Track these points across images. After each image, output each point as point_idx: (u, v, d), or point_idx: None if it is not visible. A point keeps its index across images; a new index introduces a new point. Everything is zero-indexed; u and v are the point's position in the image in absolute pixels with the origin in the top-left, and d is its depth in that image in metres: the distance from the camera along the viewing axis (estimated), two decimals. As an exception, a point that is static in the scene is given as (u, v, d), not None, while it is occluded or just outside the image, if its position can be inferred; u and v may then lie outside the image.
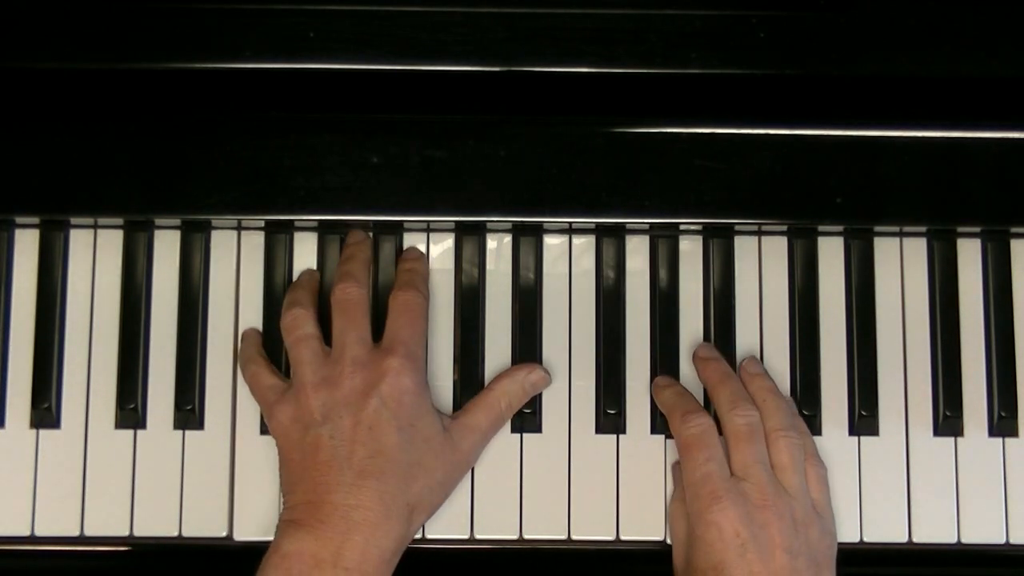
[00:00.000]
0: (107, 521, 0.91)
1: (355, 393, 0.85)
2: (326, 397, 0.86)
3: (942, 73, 0.91)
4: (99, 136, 0.90)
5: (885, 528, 0.92)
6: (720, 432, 0.89)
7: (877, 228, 0.94)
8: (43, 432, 0.92)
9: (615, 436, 0.92)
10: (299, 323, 0.89)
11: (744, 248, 0.94)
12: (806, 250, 0.94)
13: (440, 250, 0.95)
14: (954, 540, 0.92)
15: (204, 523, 0.91)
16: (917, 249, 0.95)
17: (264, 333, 0.93)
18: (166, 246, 0.94)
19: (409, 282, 0.91)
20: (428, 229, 0.95)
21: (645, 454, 0.92)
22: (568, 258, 0.95)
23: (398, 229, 0.94)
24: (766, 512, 0.84)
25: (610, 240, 0.94)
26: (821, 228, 0.94)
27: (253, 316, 0.93)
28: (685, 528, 0.88)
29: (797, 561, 0.83)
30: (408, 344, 0.88)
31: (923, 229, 0.94)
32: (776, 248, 0.95)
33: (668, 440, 0.92)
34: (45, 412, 0.91)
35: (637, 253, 0.95)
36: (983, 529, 0.92)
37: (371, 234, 0.93)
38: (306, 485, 0.84)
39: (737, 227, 0.94)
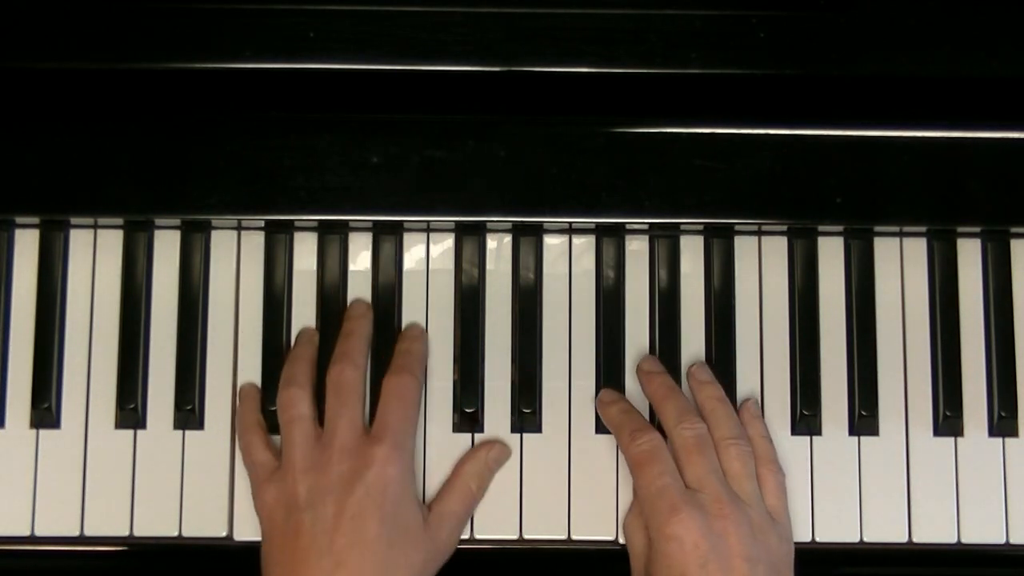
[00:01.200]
0: (107, 521, 0.91)
1: (341, 480, 0.85)
2: (312, 482, 0.85)
3: (942, 73, 0.91)
4: (99, 136, 0.90)
5: (885, 528, 0.92)
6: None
7: (877, 228, 0.94)
8: (43, 432, 0.92)
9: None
10: (294, 403, 0.89)
11: (744, 248, 0.94)
12: (806, 250, 0.94)
13: (440, 250, 0.95)
14: (954, 540, 0.92)
15: (204, 523, 0.91)
16: (917, 249, 0.95)
17: (264, 334, 0.93)
18: (166, 246, 0.94)
19: (404, 365, 0.90)
20: (428, 229, 0.95)
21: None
22: (568, 258, 0.95)
23: (398, 229, 0.94)
24: (724, 521, 0.84)
25: (610, 240, 0.94)
26: (821, 228, 0.94)
27: (253, 316, 0.93)
28: (643, 542, 0.87)
29: (757, 568, 0.83)
30: (396, 432, 0.87)
31: (923, 229, 0.94)
32: (776, 248, 0.95)
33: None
34: (45, 412, 0.91)
35: (637, 253, 0.95)
36: (983, 529, 0.92)
37: (371, 312, 0.93)
38: (284, 569, 0.84)
39: (737, 227, 0.94)
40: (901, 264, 0.95)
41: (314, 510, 0.84)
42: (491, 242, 0.95)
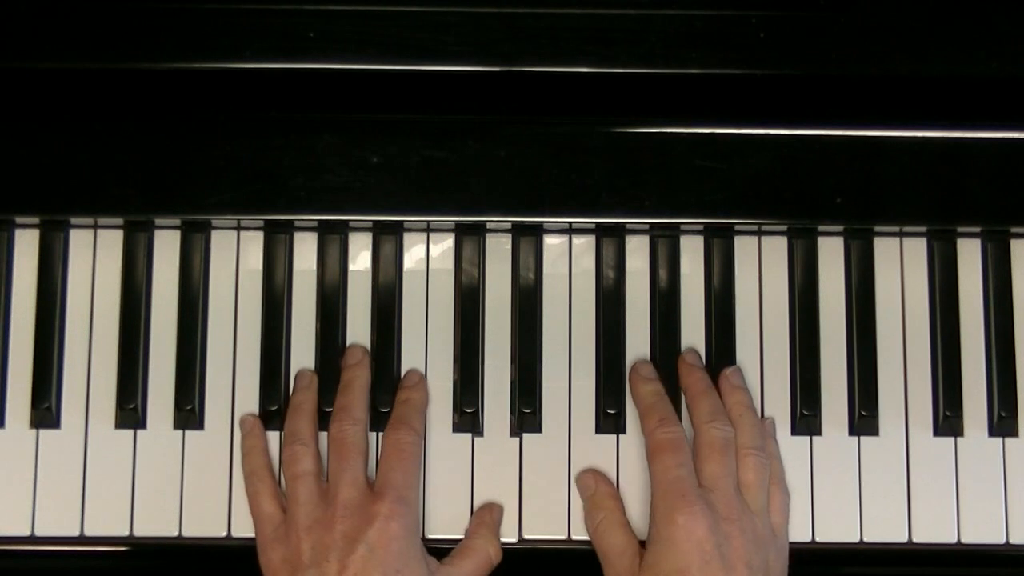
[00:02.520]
0: (107, 521, 0.91)
1: (344, 538, 0.84)
2: (315, 540, 0.85)
3: (942, 73, 0.91)
4: (99, 136, 0.90)
5: (885, 528, 0.92)
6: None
7: (877, 228, 0.94)
8: (43, 432, 0.92)
9: (615, 436, 0.92)
10: (297, 459, 0.89)
11: (744, 248, 0.95)
12: (806, 250, 0.94)
13: (440, 250, 0.95)
14: (954, 540, 0.92)
15: (204, 523, 0.91)
16: (917, 249, 0.95)
17: (263, 333, 0.93)
18: (166, 246, 0.94)
19: (402, 418, 0.90)
20: (428, 229, 0.95)
21: (645, 454, 0.92)
22: (568, 258, 0.95)
23: (398, 229, 0.94)
24: (731, 525, 0.84)
25: (610, 240, 0.94)
26: (821, 228, 0.94)
27: (253, 316, 0.93)
28: (624, 540, 0.88)
29: None
30: (399, 488, 0.87)
31: (923, 229, 0.94)
32: (776, 248, 0.95)
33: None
34: (45, 412, 0.91)
35: (637, 253, 0.95)
36: (983, 529, 0.92)
37: (368, 357, 0.92)
38: None
39: (737, 227, 0.94)
40: (901, 264, 0.95)
41: (318, 568, 0.84)
42: (491, 242, 0.95)
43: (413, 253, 0.95)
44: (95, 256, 0.94)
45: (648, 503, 0.91)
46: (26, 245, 0.94)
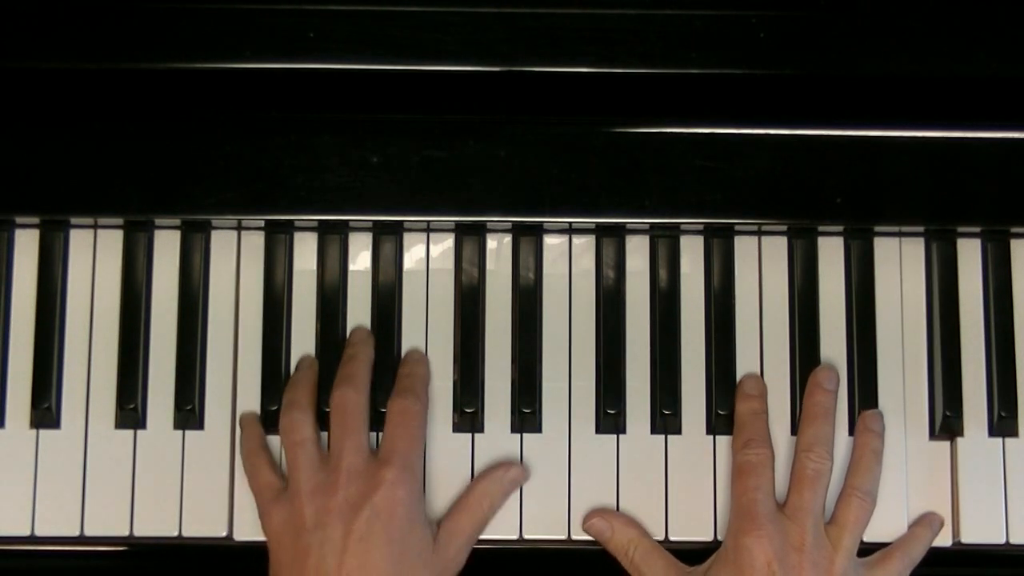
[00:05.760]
0: (107, 521, 0.91)
1: (348, 503, 0.84)
2: (319, 504, 0.85)
3: (942, 73, 0.91)
4: (99, 136, 0.90)
5: (884, 528, 0.91)
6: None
7: (877, 228, 0.94)
8: (43, 432, 0.92)
9: (615, 436, 0.92)
10: (296, 427, 0.88)
11: (744, 248, 0.95)
12: (806, 250, 0.94)
13: (440, 250, 0.95)
14: (954, 540, 0.92)
15: (204, 523, 0.91)
16: (917, 249, 0.95)
17: (264, 333, 0.93)
18: (166, 246, 0.94)
19: (408, 388, 0.90)
20: (428, 229, 0.95)
21: (645, 454, 0.92)
22: (568, 258, 0.95)
23: (398, 229, 0.94)
24: (801, 556, 0.85)
25: (610, 240, 0.94)
26: (821, 228, 0.94)
27: (253, 316, 0.93)
28: (662, 563, 0.88)
29: None
30: (404, 455, 0.87)
31: (923, 229, 0.94)
32: (776, 248, 0.95)
33: (668, 439, 0.92)
34: (45, 412, 0.91)
35: (637, 253, 0.95)
36: (983, 529, 0.92)
37: (372, 338, 0.92)
38: None
39: (737, 227, 0.94)
40: (901, 264, 0.95)
41: (323, 532, 0.84)
42: (491, 242, 0.95)
43: (413, 253, 0.95)
44: (95, 256, 0.94)
45: (649, 503, 0.91)
46: (26, 245, 0.94)
